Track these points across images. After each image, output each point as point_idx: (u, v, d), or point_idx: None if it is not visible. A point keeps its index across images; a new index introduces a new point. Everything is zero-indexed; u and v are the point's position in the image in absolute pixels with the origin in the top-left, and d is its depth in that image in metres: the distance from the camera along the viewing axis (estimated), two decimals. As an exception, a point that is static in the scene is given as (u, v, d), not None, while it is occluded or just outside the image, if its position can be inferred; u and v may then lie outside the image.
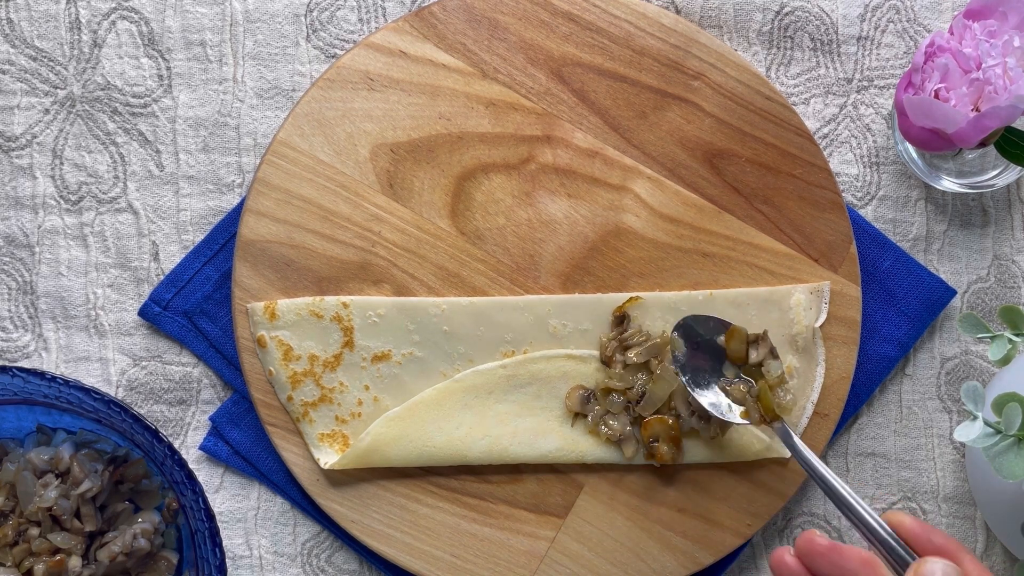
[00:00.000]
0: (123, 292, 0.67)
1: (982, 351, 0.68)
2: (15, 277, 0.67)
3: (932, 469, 0.68)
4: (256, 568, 0.67)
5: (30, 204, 0.67)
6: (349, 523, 0.65)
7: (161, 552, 0.64)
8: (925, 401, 0.68)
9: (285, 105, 0.67)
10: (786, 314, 0.64)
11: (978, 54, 0.58)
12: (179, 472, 0.60)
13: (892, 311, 0.67)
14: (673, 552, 0.65)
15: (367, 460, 0.64)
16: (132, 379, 0.67)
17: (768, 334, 0.63)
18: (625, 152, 0.65)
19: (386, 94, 0.65)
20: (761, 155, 0.66)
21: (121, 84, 0.67)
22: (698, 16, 0.67)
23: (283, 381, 0.64)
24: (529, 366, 0.64)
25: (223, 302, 0.66)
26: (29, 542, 0.62)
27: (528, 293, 0.65)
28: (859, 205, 0.68)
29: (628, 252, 0.65)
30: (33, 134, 0.67)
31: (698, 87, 0.66)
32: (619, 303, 0.64)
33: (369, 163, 0.65)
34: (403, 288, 0.65)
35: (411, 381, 0.64)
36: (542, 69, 0.65)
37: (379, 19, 0.67)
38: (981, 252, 0.68)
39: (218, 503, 0.67)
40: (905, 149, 0.67)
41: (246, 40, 0.67)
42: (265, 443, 0.66)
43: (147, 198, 0.67)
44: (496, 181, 0.65)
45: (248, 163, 0.67)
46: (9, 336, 0.67)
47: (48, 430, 0.64)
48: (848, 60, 0.68)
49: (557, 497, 0.65)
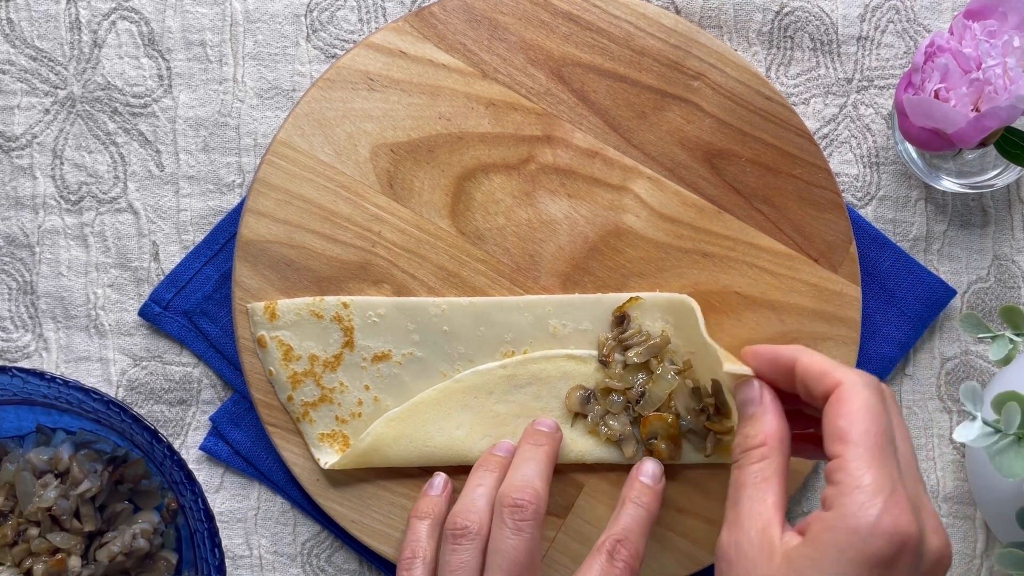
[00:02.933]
0: (123, 292, 0.67)
1: (982, 351, 0.68)
2: (15, 277, 0.67)
3: (932, 469, 0.68)
4: (256, 568, 0.67)
5: (30, 204, 0.67)
6: (349, 523, 0.65)
7: (160, 552, 0.64)
8: (925, 401, 0.68)
9: (285, 105, 0.67)
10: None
11: (978, 54, 0.58)
12: (178, 472, 0.60)
13: (892, 311, 0.67)
14: (673, 552, 0.65)
15: (367, 460, 0.64)
16: (132, 379, 0.67)
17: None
18: (625, 152, 0.65)
19: (386, 94, 0.65)
20: (761, 155, 0.66)
21: (121, 84, 0.67)
22: (698, 16, 0.68)
23: (283, 381, 0.64)
24: (529, 366, 0.64)
25: (223, 302, 0.66)
26: (28, 542, 0.62)
27: (528, 293, 0.65)
28: (859, 205, 0.68)
29: (628, 252, 0.65)
30: (33, 134, 0.67)
31: (698, 87, 0.66)
32: (619, 303, 0.64)
33: (369, 163, 0.65)
34: (403, 288, 0.65)
35: (411, 381, 0.64)
36: (542, 69, 0.65)
37: (379, 19, 0.67)
38: (981, 252, 0.68)
39: (218, 503, 0.67)
40: (905, 149, 0.67)
41: (246, 40, 0.67)
42: (265, 443, 0.66)
43: (147, 198, 0.67)
44: (496, 181, 0.65)
45: (248, 163, 0.67)
46: (9, 336, 0.67)
47: (48, 430, 0.64)
48: (848, 60, 0.68)
49: (557, 497, 0.65)
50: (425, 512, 0.61)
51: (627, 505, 0.59)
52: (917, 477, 0.50)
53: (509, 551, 0.55)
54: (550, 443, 0.60)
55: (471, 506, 0.58)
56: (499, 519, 0.56)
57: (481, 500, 0.59)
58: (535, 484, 0.57)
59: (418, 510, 0.61)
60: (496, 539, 0.56)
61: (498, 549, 0.56)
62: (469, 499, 0.59)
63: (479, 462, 0.62)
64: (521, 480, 0.57)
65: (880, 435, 0.48)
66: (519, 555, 0.55)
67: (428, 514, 0.61)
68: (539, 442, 0.60)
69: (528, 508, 0.56)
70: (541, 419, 0.62)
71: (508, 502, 0.56)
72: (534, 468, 0.58)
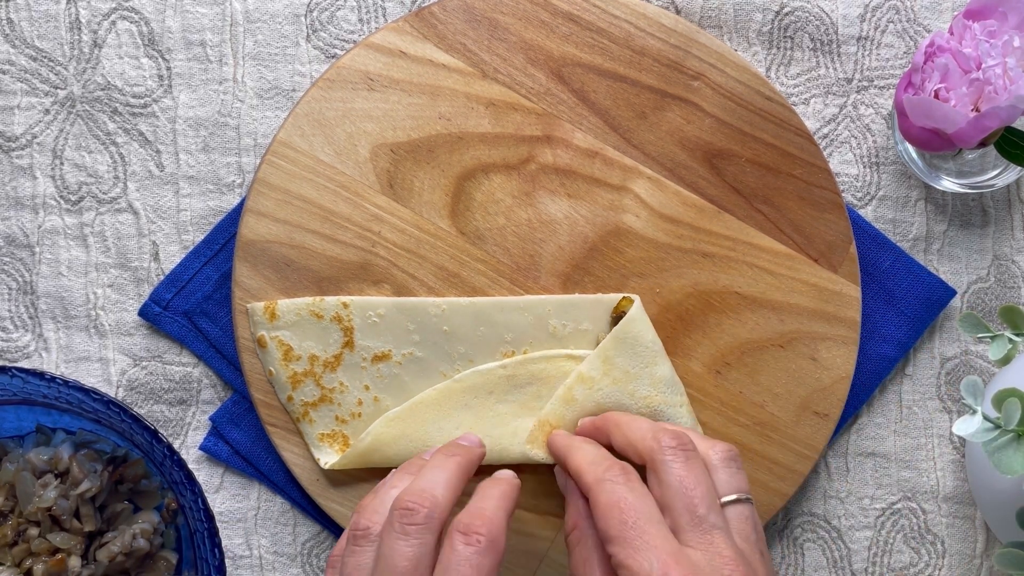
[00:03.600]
0: (123, 292, 0.67)
1: (982, 351, 0.68)
2: (15, 277, 0.67)
3: (932, 469, 0.68)
4: (256, 568, 0.67)
5: (30, 204, 0.67)
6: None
7: (160, 552, 0.64)
8: (925, 401, 0.68)
9: (285, 105, 0.67)
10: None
11: (978, 54, 0.58)
12: (178, 472, 0.60)
13: (892, 311, 0.67)
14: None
15: (367, 460, 0.64)
16: (132, 379, 0.67)
17: None
18: (625, 152, 0.65)
19: (386, 94, 0.65)
20: (761, 155, 0.66)
21: (121, 84, 0.67)
22: (698, 16, 0.68)
23: (283, 381, 0.64)
24: (529, 366, 0.64)
25: (223, 302, 0.66)
26: (28, 542, 0.62)
27: (528, 293, 0.65)
28: (859, 205, 0.68)
29: (628, 252, 0.65)
30: (33, 134, 0.67)
31: (698, 87, 0.66)
32: (617, 304, 0.64)
33: (369, 163, 0.65)
34: (403, 288, 0.65)
35: (411, 381, 0.64)
36: (542, 69, 0.65)
37: (379, 19, 0.67)
38: (981, 252, 0.68)
39: (218, 503, 0.67)
40: (905, 149, 0.67)
41: (246, 40, 0.67)
42: (265, 443, 0.66)
43: (147, 198, 0.67)
44: (496, 181, 0.65)
45: (248, 163, 0.67)
46: (9, 336, 0.67)
47: (47, 430, 0.64)
48: (848, 60, 0.68)
49: (557, 497, 0.65)
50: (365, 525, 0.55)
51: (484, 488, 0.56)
52: (704, 524, 0.51)
53: (395, 556, 0.50)
54: (464, 455, 0.56)
55: (378, 507, 0.54)
56: (388, 523, 0.51)
57: (389, 502, 0.54)
58: (435, 491, 0.52)
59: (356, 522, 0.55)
60: (383, 544, 0.51)
61: (384, 555, 0.51)
62: (378, 500, 0.54)
63: (405, 463, 0.58)
64: (422, 484, 0.53)
65: (631, 517, 0.51)
66: (405, 561, 0.50)
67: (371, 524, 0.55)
68: (452, 452, 0.56)
69: (419, 512, 0.51)
70: (466, 434, 0.60)
71: (400, 504, 0.52)
72: (440, 475, 0.54)
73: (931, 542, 0.68)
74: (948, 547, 0.68)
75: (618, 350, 0.62)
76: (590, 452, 0.57)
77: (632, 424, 0.58)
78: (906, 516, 0.68)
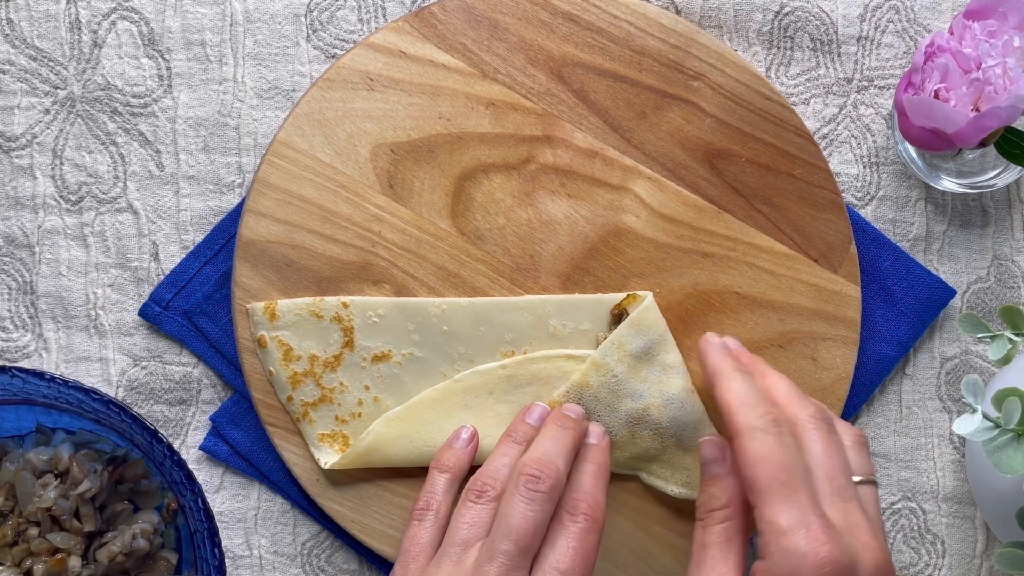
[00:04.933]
0: (123, 292, 0.67)
1: (982, 351, 0.68)
2: (15, 277, 0.67)
3: (932, 469, 0.68)
4: (256, 568, 0.67)
5: (30, 204, 0.67)
6: (349, 523, 0.65)
7: (160, 552, 0.64)
8: (925, 401, 0.68)
9: (285, 105, 0.67)
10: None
11: (978, 54, 0.58)
12: (178, 472, 0.60)
13: (892, 311, 0.67)
14: (674, 553, 0.65)
15: (367, 460, 0.64)
16: (132, 379, 0.67)
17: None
18: (625, 152, 0.65)
19: (386, 94, 0.65)
20: (761, 155, 0.66)
21: (121, 84, 0.67)
22: (698, 16, 0.68)
23: (283, 381, 0.64)
24: (529, 366, 0.64)
25: (223, 302, 0.66)
26: (28, 542, 0.62)
27: (528, 293, 0.65)
28: (859, 205, 0.68)
29: (628, 252, 0.65)
30: (33, 134, 0.67)
31: (698, 87, 0.66)
32: (619, 303, 0.64)
33: (369, 163, 0.65)
34: (403, 288, 0.65)
35: (411, 381, 0.64)
36: (542, 69, 0.65)
37: (379, 19, 0.67)
38: (981, 252, 0.68)
39: (218, 503, 0.67)
40: (905, 149, 0.67)
41: (246, 40, 0.67)
42: (265, 443, 0.66)
43: (147, 198, 0.67)
44: (496, 181, 0.65)
45: (248, 163, 0.67)
46: (9, 336, 0.67)
47: (47, 430, 0.64)
48: (848, 60, 0.68)
49: (557, 497, 0.65)
50: (447, 465, 0.61)
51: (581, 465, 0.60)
52: (844, 494, 0.52)
53: (517, 517, 0.54)
54: (576, 429, 0.60)
55: (496, 472, 0.58)
56: (514, 486, 0.55)
57: (505, 470, 0.58)
58: (556, 462, 0.57)
59: (440, 461, 0.62)
60: (507, 504, 0.55)
61: (507, 514, 0.55)
62: (494, 466, 0.59)
63: (508, 430, 0.61)
64: (542, 454, 0.57)
65: (782, 473, 0.51)
66: (527, 524, 0.54)
67: (449, 467, 0.61)
68: (566, 425, 0.60)
69: (545, 482, 0.55)
70: (569, 405, 0.62)
71: (527, 470, 0.56)
72: (557, 447, 0.58)
73: (931, 542, 0.68)
74: (948, 547, 0.68)
75: (632, 337, 0.62)
76: (742, 390, 0.55)
77: (778, 386, 0.57)
78: (906, 516, 0.68)
